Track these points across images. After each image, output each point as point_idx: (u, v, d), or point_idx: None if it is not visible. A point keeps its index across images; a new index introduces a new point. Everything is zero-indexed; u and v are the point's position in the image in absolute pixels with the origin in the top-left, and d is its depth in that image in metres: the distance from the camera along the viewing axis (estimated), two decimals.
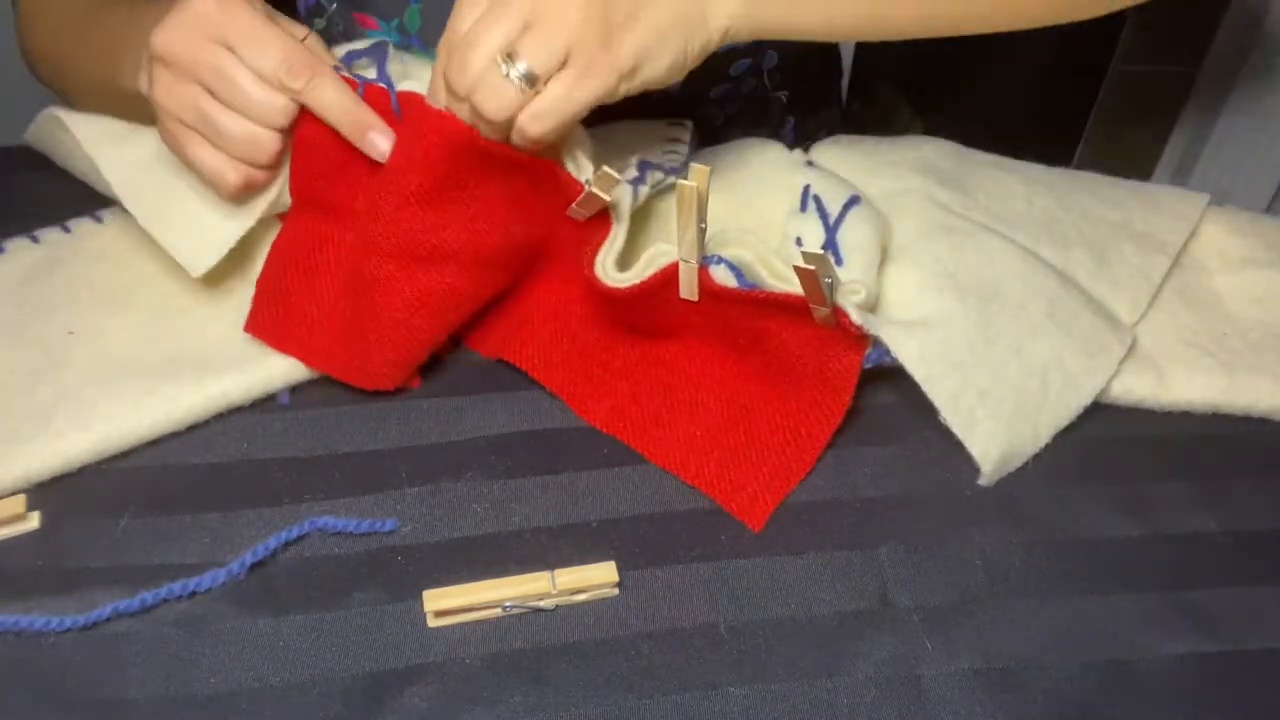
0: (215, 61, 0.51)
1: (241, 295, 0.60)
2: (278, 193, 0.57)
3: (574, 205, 0.54)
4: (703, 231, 0.50)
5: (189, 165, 0.55)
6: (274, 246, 0.59)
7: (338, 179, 0.57)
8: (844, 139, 0.68)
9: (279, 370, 0.57)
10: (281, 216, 0.60)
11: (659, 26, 0.50)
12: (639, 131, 0.65)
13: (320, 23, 0.72)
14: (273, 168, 0.55)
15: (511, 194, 0.54)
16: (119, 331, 0.58)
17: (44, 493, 0.53)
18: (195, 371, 0.56)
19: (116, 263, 0.62)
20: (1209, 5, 1.23)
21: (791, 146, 0.65)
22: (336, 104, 0.53)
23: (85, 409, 0.54)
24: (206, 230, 0.57)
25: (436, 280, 0.55)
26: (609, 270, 0.54)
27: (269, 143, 0.54)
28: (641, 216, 0.59)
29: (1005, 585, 0.50)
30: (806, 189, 0.59)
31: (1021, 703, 0.46)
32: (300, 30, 0.55)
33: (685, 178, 0.49)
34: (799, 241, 0.57)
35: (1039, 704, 0.46)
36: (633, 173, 0.57)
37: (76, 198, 0.66)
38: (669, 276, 0.53)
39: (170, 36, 0.51)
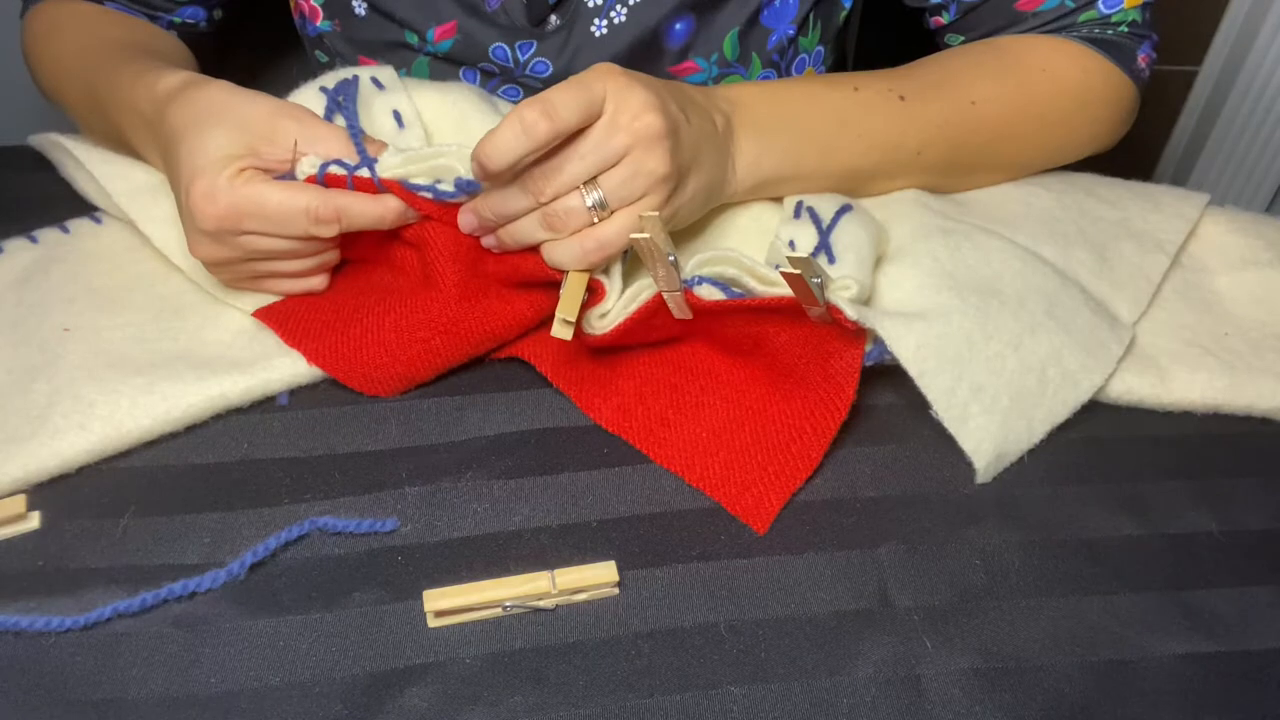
0: (254, 246, 0.54)
1: (240, 297, 0.60)
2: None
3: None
4: (673, 264, 0.51)
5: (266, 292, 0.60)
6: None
7: (370, 240, 0.59)
8: None
9: (278, 372, 0.57)
10: None
11: (701, 188, 0.55)
12: None
13: (323, 57, 0.72)
14: (334, 247, 0.59)
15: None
16: (116, 331, 0.58)
17: (44, 493, 0.53)
18: (194, 372, 0.56)
19: (114, 263, 0.62)
20: (1209, 5, 1.23)
21: None
22: (372, 219, 0.55)
23: (83, 408, 0.54)
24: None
25: (484, 311, 0.57)
26: (592, 324, 0.55)
27: (333, 256, 0.58)
28: None
29: (1005, 585, 0.50)
30: (800, 203, 0.59)
31: (1021, 703, 0.46)
32: (290, 125, 0.54)
33: (639, 228, 0.50)
34: (791, 244, 0.57)
35: (1039, 704, 0.46)
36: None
37: (76, 198, 0.66)
38: (655, 307, 0.53)
39: (204, 253, 0.55)
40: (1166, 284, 0.62)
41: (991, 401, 0.53)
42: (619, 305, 0.54)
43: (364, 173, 0.54)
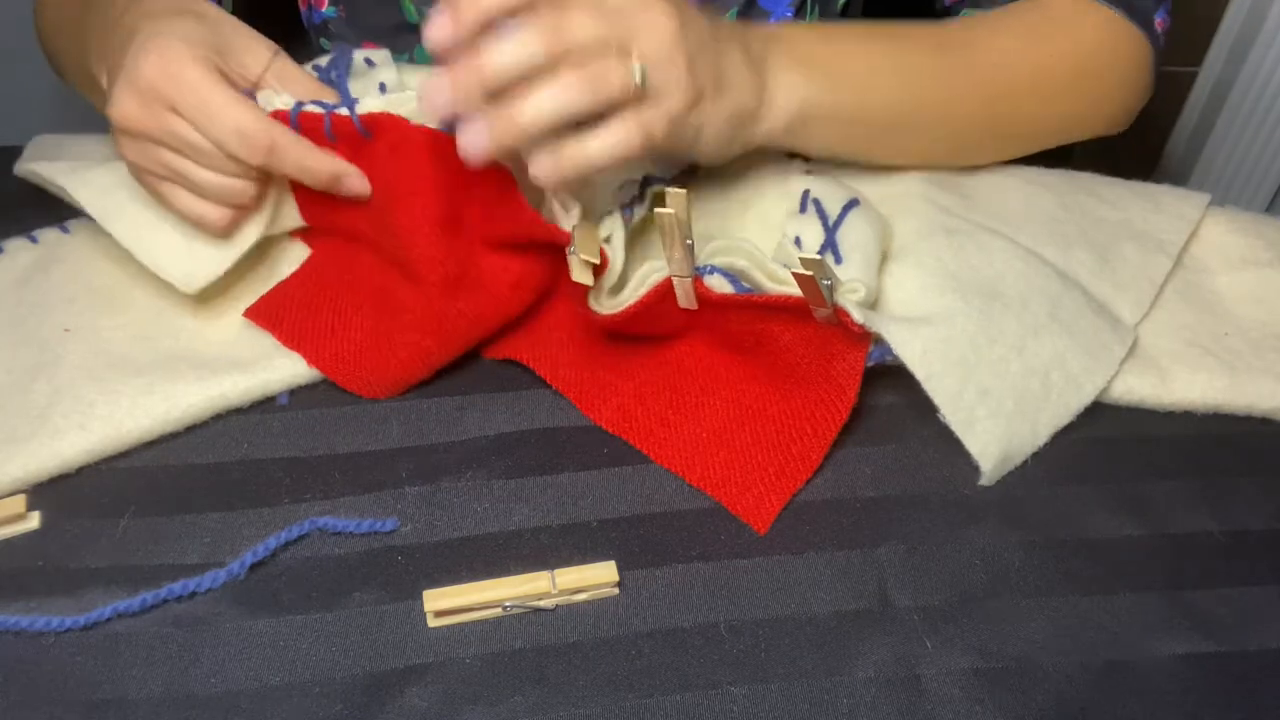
0: (173, 129, 0.51)
1: (240, 297, 0.60)
2: (269, 220, 0.58)
3: (569, 252, 0.54)
4: (690, 248, 0.50)
5: (167, 207, 0.55)
6: (307, 265, 0.61)
7: (339, 209, 0.57)
8: None
9: (278, 372, 0.57)
10: (299, 234, 0.62)
11: (727, 111, 0.52)
12: None
13: (327, 45, 0.72)
14: (259, 200, 0.55)
15: (503, 211, 0.54)
16: (116, 331, 0.58)
17: (44, 493, 0.53)
18: (194, 372, 0.56)
19: (114, 263, 0.62)
20: (1209, 5, 1.23)
21: None
22: (300, 167, 0.53)
23: (83, 408, 0.54)
24: (196, 254, 0.57)
25: (451, 304, 0.56)
26: (601, 301, 0.54)
27: (245, 189, 0.54)
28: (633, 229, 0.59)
29: (1005, 585, 0.50)
30: (806, 193, 0.59)
31: (1021, 703, 0.46)
32: (264, 50, 0.54)
33: (665, 202, 0.49)
34: (798, 242, 0.57)
35: (1039, 704, 0.46)
36: (633, 191, 0.56)
37: None
38: (664, 291, 0.53)
39: (124, 110, 0.51)
40: (1167, 284, 0.62)
41: (997, 405, 0.53)
42: (629, 288, 0.54)
43: (343, 111, 0.52)
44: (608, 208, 0.55)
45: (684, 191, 0.49)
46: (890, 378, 0.56)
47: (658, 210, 0.49)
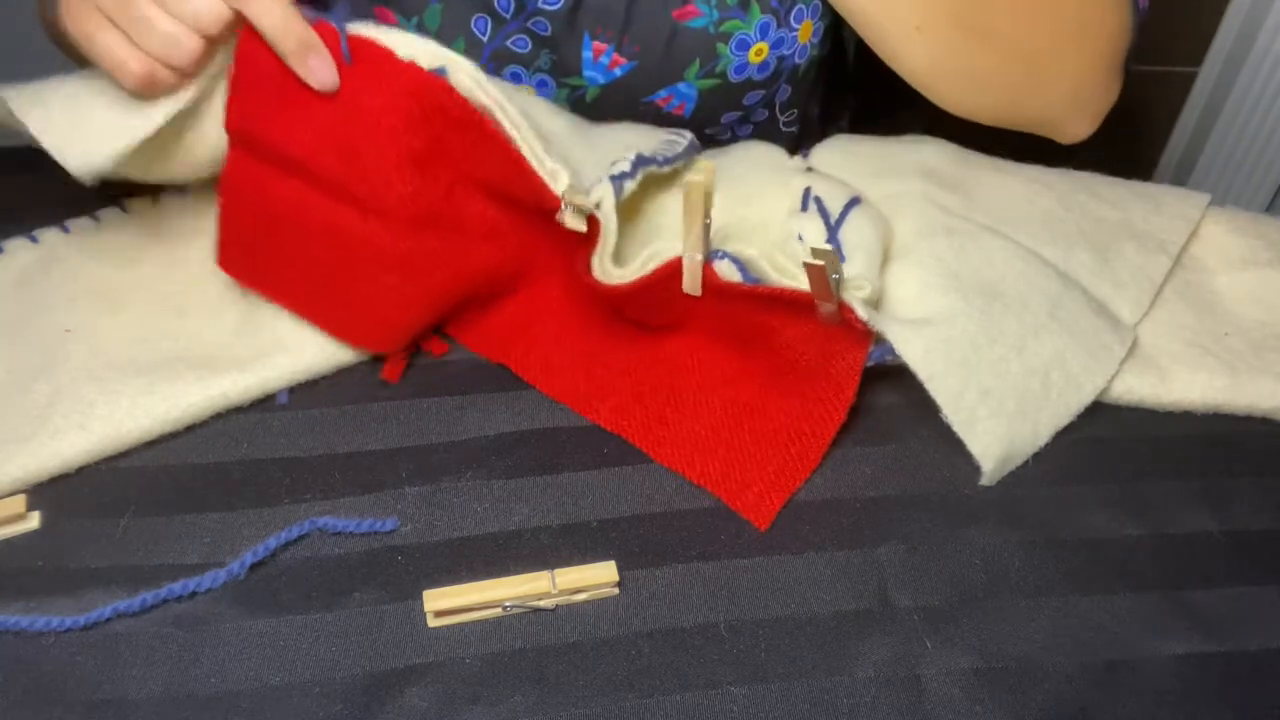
0: None
1: (240, 296, 0.60)
2: (187, 101, 0.54)
3: (559, 217, 0.53)
4: (708, 227, 0.50)
5: (92, 53, 0.51)
6: (221, 185, 0.57)
7: (279, 116, 0.54)
8: (843, 140, 0.68)
9: (278, 370, 0.57)
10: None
11: None
12: (637, 130, 0.65)
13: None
14: (185, 75, 0.52)
15: (488, 164, 0.53)
16: (116, 331, 0.58)
17: (44, 492, 0.53)
18: (194, 372, 0.56)
19: (114, 263, 0.62)
20: (1209, 5, 1.23)
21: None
22: (277, 16, 0.50)
23: (83, 408, 0.54)
24: (104, 130, 0.54)
25: (420, 243, 0.54)
26: (607, 267, 0.54)
27: (190, 45, 0.50)
28: (631, 212, 0.59)
29: (1005, 585, 0.50)
30: (807, 191, 0.59)
31: (1021, 703, 0.46)
32: None
33: (692, 173, 0.49)
34: (800, 239, 0.57)
35: (1039, 704, 0.46)
36: (624, 167, 0.56)
37: (76, 198, 0.65)
38: (672, 270, 0.53)
39: None
40: (1167, 284, 0.62)
41: (998, 405, 0.53)
42: (635, 264, 0.53)
43: (331, 20, 0.51)
44: (598, 175, 0.54)
45: (713, 164, 0.49)
46: (890, 378, 0.56)
47: (688, 178, 0.49)
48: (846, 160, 0.65)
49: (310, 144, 0.54)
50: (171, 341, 0.58)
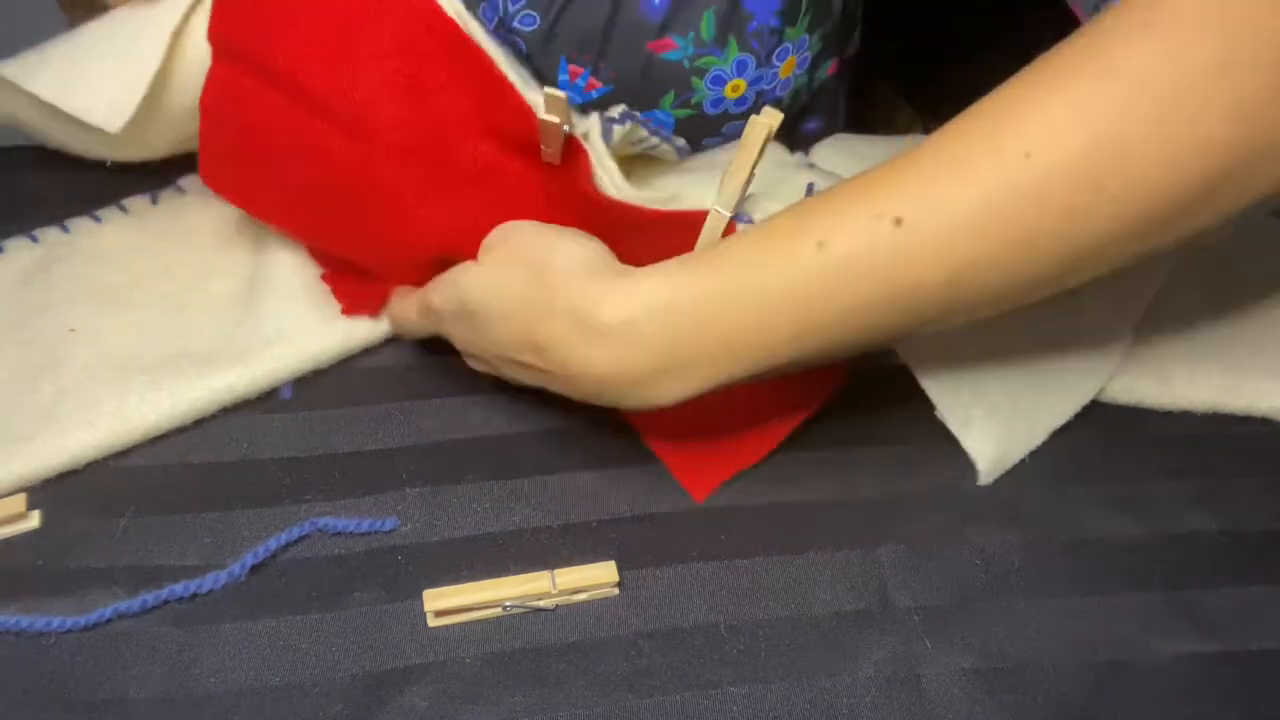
0: None
1: (241, 294, 0.60)
2: (174, 25, 0.54)
3: (543, 146, 0.52)
4: (749, 181, 0.48)
5: None
6: (202, 98, 0.55)
7: (259, 26, 0.53)
8: (843, 139, 0.68)
9: (281, 361, 0.57)
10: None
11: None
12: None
13: None
14: None
15: (474, 90, 0.53)
16: (119, 330, 0.58)
17: (45, 491, 0.53)
18: (197, 367, 0.56)
19: (115, 262, 0.62)
20: None
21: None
22: None
23: (89, 406, 0.54)
24: (116, 83, 0.55)
25: (404, 172, 0.53)
26: (619, 183, 0.52)
27: None
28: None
29: (1005, 585, 0.50)
30: (810, 186, 0.59)
31: (1021, 703, 0.46)
32: None
33: (761, 115, 0.46)
34: None
35: (1039, 704, 0.46)
36: (612, 114, 0.55)
37: (76, 198, 0.66)
38: (694, 220, 0.50)
39: None
40: (1166, 283, 0.62)
41: (993, 404, 0.53)
42: (651, 189, 0.52)
43: None
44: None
45: (780, 115, 0.45)
46: (890, 378, 0.56)
47: (753, 118, 0.46)
48: (847, 159, 0.65)
49: (296, 53, 0.52)
50: (174, 339, 0.58)
